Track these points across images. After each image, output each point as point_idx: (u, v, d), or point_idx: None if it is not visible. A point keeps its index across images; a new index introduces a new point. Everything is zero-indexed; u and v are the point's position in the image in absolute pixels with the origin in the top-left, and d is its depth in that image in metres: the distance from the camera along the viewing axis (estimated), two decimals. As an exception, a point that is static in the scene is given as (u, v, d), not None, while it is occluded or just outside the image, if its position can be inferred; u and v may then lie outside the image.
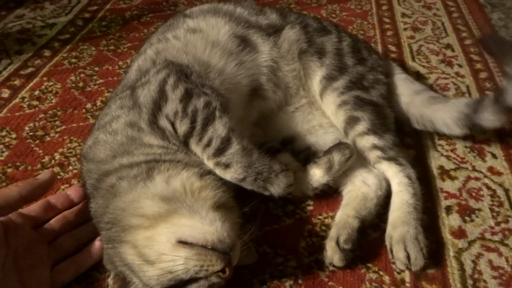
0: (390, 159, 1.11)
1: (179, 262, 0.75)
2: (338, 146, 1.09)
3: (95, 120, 1.13)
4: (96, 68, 1.65)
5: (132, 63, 1.23)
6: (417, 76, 1.61)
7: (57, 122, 1.39)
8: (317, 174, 1.07)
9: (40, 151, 1.28)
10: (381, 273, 0.98)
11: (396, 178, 1.09)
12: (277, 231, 1.07)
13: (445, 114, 1.21)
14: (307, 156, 1.17)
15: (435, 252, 1.01)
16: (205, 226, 0.78)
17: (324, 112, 1.21)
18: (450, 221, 1.09)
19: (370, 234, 1.06)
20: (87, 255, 0.95)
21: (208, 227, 0.78)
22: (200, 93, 0.98)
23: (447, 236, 1.06)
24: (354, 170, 1.13)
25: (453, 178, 1.21)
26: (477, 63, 1.69)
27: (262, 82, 1.17)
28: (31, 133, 1.34)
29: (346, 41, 1.26)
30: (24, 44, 1.80)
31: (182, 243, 0.77)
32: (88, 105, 1.46)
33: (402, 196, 1.06)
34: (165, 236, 0.78)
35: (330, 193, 1.14)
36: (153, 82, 1.01)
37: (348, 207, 1.06)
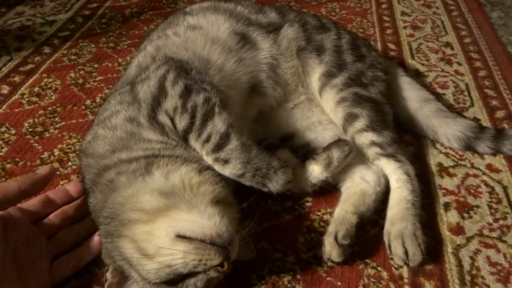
0: (389, 156, 1.12)
1: (178, 256, 0.75)
2: (337, 143, 1.09)
3: (95, 116, 1.13)
4: (96, 65, 1.66)
5: (132, 60, 1.23)
6: (417, 74, 1.62)
7: (57, 119, 1.39)
8: (316, 171, 1.07)
9: (40, 147, 1.28)
10: (379, 269, 0.98)
11: (395, 175, 1.09)
12: (276, 227, 1.07)
13: (449, 130, 1.27)
14: (306, 153, 1.18)
15: (433, 248, 1.01)
16: (204, 221, 0.79)
17: (323, 109, 1.21)
18: (449, 218, 1.09)
19: (369, 230, 1.06)
20: (86, 250, 0.95)
21: (207, 222, 0.78)
22: (200, 89, 0.98)
23: (445, 233, 1.06)
24: (353, 167, 1.13)
25: (452, 175, 1.21)
26: (476, 61, 1.70)
27: (262, 79, 1.18)
28: (31, 129, 1.35)
29: (345, 38, 1.26)
30: (24, 41, 1.80)
31: (181, 237, 0.77)
32: (88, 102, 1.47)
33: (401, 193, 1.06)
34: (164, 231, 0.78)
35: (329, 190, 1.14)
36: (153, 78, 1.01)
37: (347, 203, 1.06)
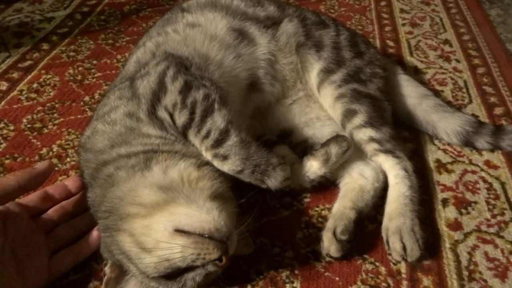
0: (387, 152, 1.12)
1: (176, 250, 0.76)
2: (336, 139, 1.09)
3: (93, 112, 1.13)
4: (94, 62, 1.65)
5: (130, 56, 1.23)
6: (415, 71, 1.62)
7: (55, 115, 1.39)
8: (314, 166, 1.07)
9: (38, 143, 1.28)
10: (377, 264, 0.98)
11: (393, 171, 1.10)
12: (274, 223, 1.08)
13: (448, 125, 1.27)
14: (305, 149, 1.18)
15: (431, 244, 1.01)
16: (202, 215, 0.79)
17: (322, 105, 1.21)
18: (447, 214, 1.10)
19: (367, 226, 1.07)
20: (85, 245, 0.95)
21: (205, 216, 0.79)
22: (200, 85, 0.98)
23: (443, 228, 1.06)
24: (351, 163, 1.13)
25: (450, 171, 1.21)
26: (475, 59, 1.70)
27: (260, 75, 1.17)
28: (29, 125, 1.34)
29: (344, 35, 1.26)
30: (23, 38, 1.80)
31: (179, 232, 0.77)
32: (86, 98, 1.46)
33: (399, 188, 1.06)
34: (162, 225, 0.78)
35: (327, 186, 1.14)
36: (153, 74, 1.01)
37: (345, 199, 1.06)
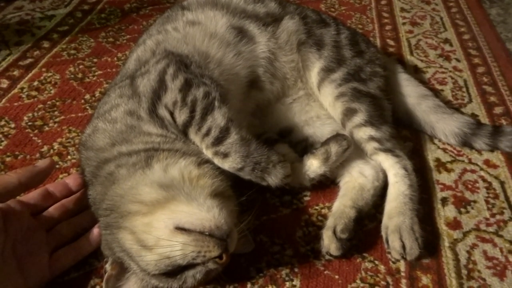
0: (387, 151, 1.12)
1: (177, 248, 0.76)
2: (336, 138, 1.10)
3: (94, 110, 1.13)
4: (95, 60, 1.66)
5: (131, 54, 1.23)
6: (415, 70, 1.62)
7: (56, 113, 1.39)
8: (314, 165, 1.08)
9: (39, 141, 1.28)
10: (377, 263, 0.99)
11: (393, 169, 1.10)
12: (274, 221, 1.08)
13: (447, 127, 1.28)
14: (305, 147, 1.18)
15: (430, 243, 1.02)
16: (203, 213, 0.79)
17: (322, 104, 1.22)
18: (446, 212, 1.10)
19: (367, 224, 1.07)
20: (86, 242, 0.96)
21: (206, 214, 0.79)
22: (200, 83, 0.99)
23: (443, 227, 1.07)
24: (351, 161, 1.13)
25: (449, 170, 1.22)
26: (475, 58, 1.70)
27: (260, 73, 1.18)
28: (30, 123, 1.35)
29: (345, 34, 1.26)
30: (23, 35, 1.80)
31: (180, 229, 0.78)
32: (87, 96, 1.47)
33: (399, 187, 1.07)
34: (163, 222, 0.78)
35: (327, 184, 1.15)
36: (153, 72, 1.01)
37: (345, 197, 1.06)
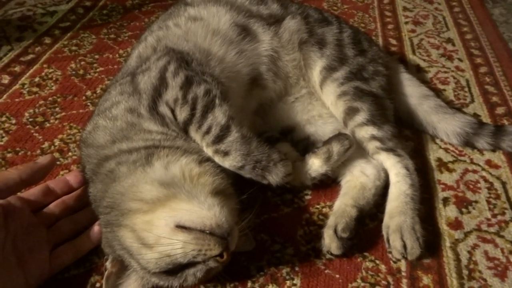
0: (389, 150, 1.12)
1: (178, 246, 0.76)
2: (338, 137, 1.10)
3: (95, 107, 1.13)
4: (97, 56, 1.65)
5: (133, 51, 1.23)
6: (417, 70, 1.62)
7: (57, 109, 1.39)
8: (316, 164, 1.07)
9: (40, 137, 1.28)
10: (378, 262, 0.98)
11: (394, 169, 1.10)
12: (275, 219, 1.08)
13: (449, 126, 1.27)
14: (306, 146, 1.18)
15: (432, 242, 1.02)
16: (204, 211, 0.79)
17: (324, 103, 1.21)
18: (447, 212, 1.10)
19: (368, 224, 1.07)
20: (86, 239, 0.95)
21: (207, 212, 0.79)
22: (201, 81, 0.98)
23: (444, 227, 1.06)
24: (353, 161, 1.13)
25: (451, 170, 1.21)
26: (477, 58, 1.70)
27: (262, 72, 1.17)
28: (31, 119, 1.34)
29: (347, 32, 1.26)
30: (25, 31, 1.80)
31: (181, 227, 0.77)
32: (88, 93, 1.46)
33: (400, 187, 1.06)
34: (164, 220, 0.78)
35: (328, 183, 1.15)
36: (154, 69, 1.01)
37: (347, 197, 1.06)
